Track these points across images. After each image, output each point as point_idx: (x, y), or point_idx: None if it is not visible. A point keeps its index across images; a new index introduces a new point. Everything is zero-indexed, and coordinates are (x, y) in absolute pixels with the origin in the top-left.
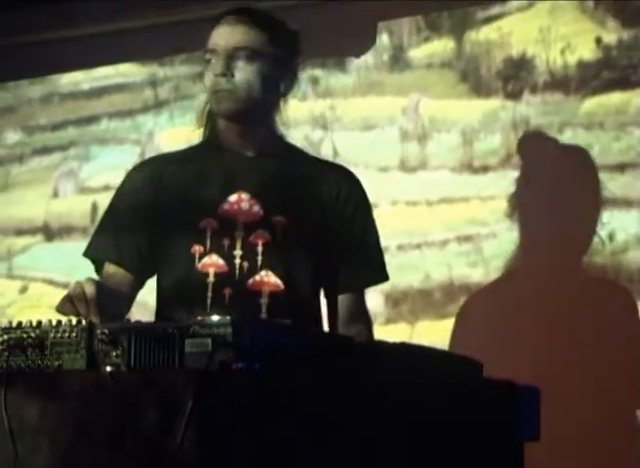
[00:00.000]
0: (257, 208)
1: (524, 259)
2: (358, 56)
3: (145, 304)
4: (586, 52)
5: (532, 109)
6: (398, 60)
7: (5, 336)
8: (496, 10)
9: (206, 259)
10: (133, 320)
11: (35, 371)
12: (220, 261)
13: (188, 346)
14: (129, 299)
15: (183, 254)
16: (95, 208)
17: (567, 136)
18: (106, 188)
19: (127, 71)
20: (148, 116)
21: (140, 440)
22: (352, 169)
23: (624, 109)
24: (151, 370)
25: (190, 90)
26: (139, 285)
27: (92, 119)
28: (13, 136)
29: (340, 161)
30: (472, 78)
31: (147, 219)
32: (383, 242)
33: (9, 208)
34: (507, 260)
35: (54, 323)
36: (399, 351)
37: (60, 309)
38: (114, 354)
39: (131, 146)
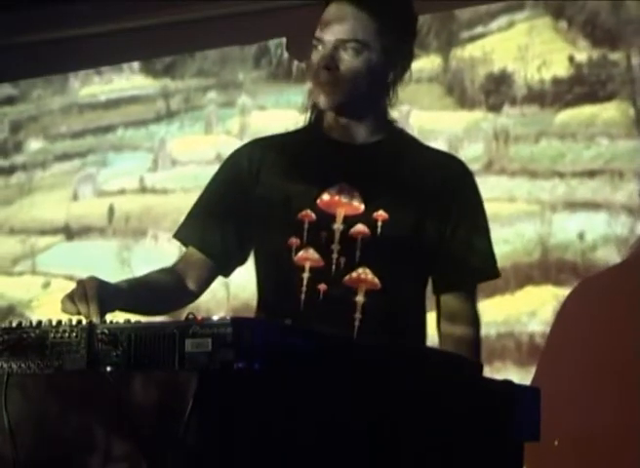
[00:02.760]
0: (357, 201)
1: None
2: None
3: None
4: (560, 69)
5: (511, 120)
6: None
7: (5, 336)
8: (479, 30)
9: (302, 253)
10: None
11: (35, 371)
12: (317, 255)
13: (188, 346)
14: (203, 281)
15: (279, 246)
16: (111, 210)
17: (542, 145)
18: (122, 192)
19: (141, 84)
20: (161, 125)
21: (139, 440)
22: None
23: (594, 121)
24: (151, 370)
25: (199, 101)
26: (221, 271)
27: (108, 128)
28: (36, 144)
29: None
30: (457, 92)
31: (241, 207)
32: None
33: (32, 210)
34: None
35: (54, 323)
36: (398, 351)
37: (63, 308)
38: (114, 354)
39: (144, 153)
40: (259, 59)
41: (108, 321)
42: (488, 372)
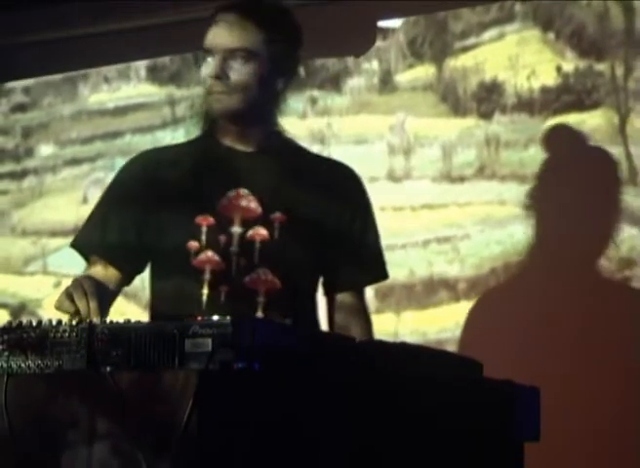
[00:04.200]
0: (255, 204)
1: (536, 257)
2: (358, 56)
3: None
4: (548, 78)
5: (502, 127)
6: (386, 84)
7: (5, 336)
8: (471, 40)
9: (201, 256)
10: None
11: (35, 371)
12: (216, 258)
13: (188, 346)
14: (112, 295)
15: (178, 250)
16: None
17: (531, 151)
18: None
19: (147, 92)
20: (167, 131)
21: (139, 440)
22: None
23: (580, 129)
24: (151, 370)
25: None
26: (125, 281)
27: (116, 134)
28: (46, 150)
29: None
30: (451, 100)
31: (139, 213)
32: None
33: (44, 212)
34: (520, 258)
35: (54, 323)
36: (399, 351)
37: (60, 307)
38: (114, 354)
39: None
40: None
41: (108, 321)
42: None
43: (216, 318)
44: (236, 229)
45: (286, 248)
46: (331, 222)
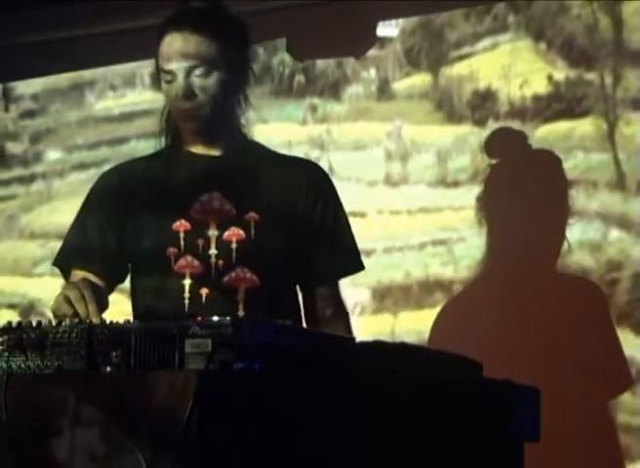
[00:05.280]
0: (228, 206)
1: (493, 262)
2: (358, 56)
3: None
4: (540, 87)
5: None
6: (384, 92)
7: (5, 336)
8: (466, 50)
9: (181, 261)
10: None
11: (35, 371)
12: (196, 262)
13: (188, 346)
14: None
15: (158, 257)
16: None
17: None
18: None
19: (152, 99)
20: None
21: (139, 440)
22: (345, 183)
23: (570, 135)
24: (151, 371)
25: None
26: (108, 290)
27: (122, 140)
28: (54, 155)
29: (334, 176)
30: (446, 107)
31: (117, 223)
32: (371, 245)
33: (52, 216)
34: (477, 263)
35: (54, 323)
36: (399, 351)
37: (57, 311)
38: (114, 354)
39: None
40: (262, 77)
41: (108, 321)
42: None
43: (216, 318)
44: (212, 232)
45: (262, 245)
46: (303, 217)
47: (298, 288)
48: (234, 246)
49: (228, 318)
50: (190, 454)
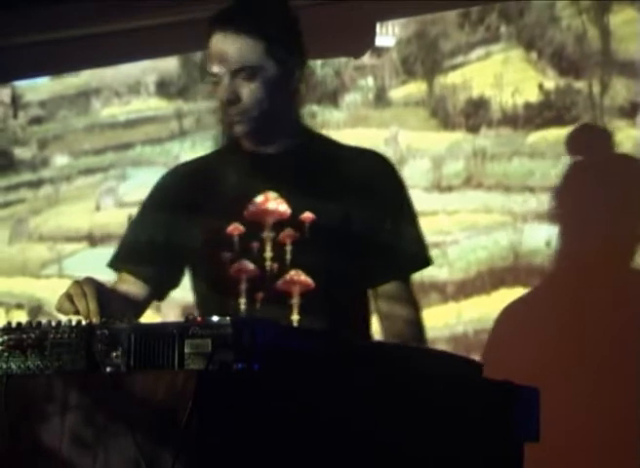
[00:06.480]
0: (284, 207)
1: (567, 261)
2: (358, 56)
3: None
4: (531, 95)
5: (488, 141)
6: (381, 99)
7: (5, 337)
8: (460, 59)
9: (236, 265)
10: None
11: (35, 372)
12: (251, 266)
13: (188, 346)
14: (140, 305)
15: (214, 262)
16: (130, 219)
17: (515, 163)
18: (140, 203)
19: (156, 106)
20: (175, 143)
21: (139, 440)
22: None
23: (560, 142)
24: (151, 371)
25: (210, 121)
26: (156, 294)
27: (128, 145)
28: (61, 160)
29: None
30: (441, 114)
31: (171, 226)
32: None
33: (59, 219)
34: (548, 262)
35: (53, 323)
36: (399, 351)
37: (60, 308)
38: (114, 354)
39: (160, 168)
40: None
41: (107, 321)
42: None
43: (215, 318)
44: (267, 234)
45: (317, 247)
46: (364, 214)
47: (359, 288)
48: (289, 248)
49: (228, 318)
50: (190, 455)
